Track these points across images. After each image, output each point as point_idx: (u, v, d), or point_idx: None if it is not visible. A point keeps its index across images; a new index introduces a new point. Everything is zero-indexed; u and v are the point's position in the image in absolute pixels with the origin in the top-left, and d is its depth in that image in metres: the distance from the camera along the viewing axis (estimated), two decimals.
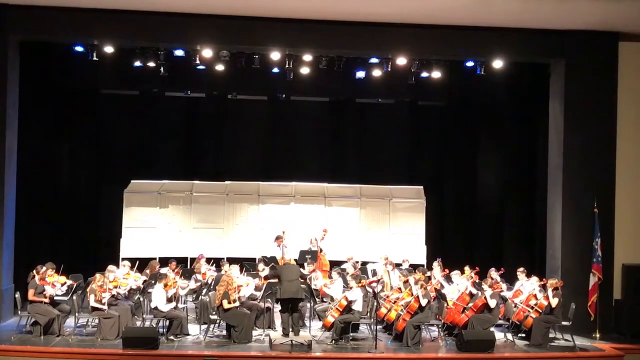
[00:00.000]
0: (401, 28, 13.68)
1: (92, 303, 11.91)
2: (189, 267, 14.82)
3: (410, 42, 13.85)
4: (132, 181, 16.21)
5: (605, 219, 13.65)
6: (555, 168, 14.26)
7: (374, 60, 14.55)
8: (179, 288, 12.68)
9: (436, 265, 14.01)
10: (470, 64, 14.53)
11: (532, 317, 12.38)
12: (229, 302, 11.83)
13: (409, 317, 12.10)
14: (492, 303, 12.26)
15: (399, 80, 15.16)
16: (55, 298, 12.40)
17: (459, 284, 13.14)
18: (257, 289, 12.90)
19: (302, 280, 12.24)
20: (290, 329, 11.87)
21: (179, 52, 14.16)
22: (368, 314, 12.65)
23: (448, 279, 13.59)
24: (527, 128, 16.50)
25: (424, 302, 12.04)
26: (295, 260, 14.18)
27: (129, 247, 15.83)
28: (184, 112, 17.31)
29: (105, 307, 11.94)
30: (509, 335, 12.70)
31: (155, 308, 12.09)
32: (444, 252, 15.94)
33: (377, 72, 14.92)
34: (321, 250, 15.11)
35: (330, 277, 13.53)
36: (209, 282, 13.21)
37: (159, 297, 12.08)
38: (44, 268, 12.33)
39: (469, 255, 16.14)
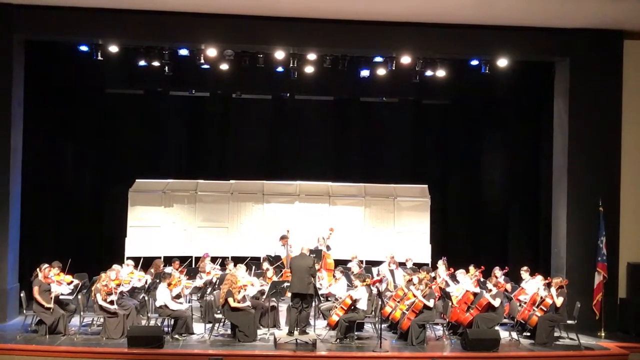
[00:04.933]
0: (405, 27, 13.67)
1: (100, 302, 11.93)
2: (193, 266, 14.85)
3: (414, 40, 13.84)
4: (136, 180, 16.25)
5: (610, 218, 13.64)
6: (560, 166, 14.24)
7: (378, 59, 14.56)
8: (184, 287, 12.69)
9: (441, 264, 14.01)
10: (474, 62, 14.52)
11: (537, 316, 12.36)
12: (235, 301, 11.85)
13: (414, 316, 12.10)
14: (497, 302, 12.24)
15: (403, 79, 15.14)
16: (61, 297, 12.43)
17: (464, 283, 13.13)
18: (262, 288, 12.95)
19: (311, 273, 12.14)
20: (295, 328, 11.88)
21: (184, 52, 14.17)
22: (373, 312, 12.65)
23: (453, 278, 13.59)
24: (532, 126, 16.47)
25: (429, 302, 12.04)
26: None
27: (133, 246, 15.88)
28: (189, 111, 17.32)
29: (115, 306, 11.97)
30: (514, 334, 12.69)
31: (164, 306, 12.09)
32: (449, 250, 15.94)
33: (381, 71, 14.94)
34: (328, 249, 15.13)
35: (334, 276, 13.53)
36: (214, 281, 13.23)
37: (164, 296, 12.10)
38: (46, 265, 12.35)
39: (473, 254, 16.12)
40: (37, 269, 12.31)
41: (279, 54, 14.07)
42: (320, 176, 16.90)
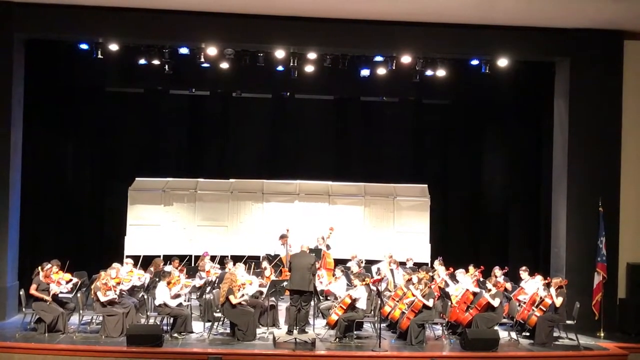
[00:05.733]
0: (406, 26, 13.67)
1: (102, 299, 11.92)
2: (193, 264, 14.84)
3: (414, 40, 13.83)
4: (136, 179, 16.26)
5: (610, 218, 13.63)
6: (560, 166, 14.24)
7: (378, 58, 14.56)
8: (183, 286, 12.69)
9: (437, 264, 14.00)
10: (475, 62, 14.51)
11: (536, 316, 12.36)
12: (236, 298, 11.84)
13: (413, 316, 12.10)
14: (496, 302, 12.24)
15: (403, 78, 15.13)
16: (60, 295, 12.43)
17: (464, 283, 13.13)
18: (261, 287, 12.95)
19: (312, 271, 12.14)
20: (294, 327, 11.87)
21: (184, 50, 14.17)
22: (372, 312, 12.65)
23: (453, 277, 13.59)
24: (532, 126, 16.47)
25: (429, 302, 12.04)
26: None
27: (133, 244, 15.88)
28: (189, 110, 17.32)
29: (115, 296, 11.98)
30: (513, 334, 12.68)
31: (163, 304, 12.08)
32: (449, 250, 15.93)
33: (381, 71, 14.94)
34: (328, 248, 15.12)
35: (334, 275, 13.53)
36: (213, 279, 13.23)
37: (163, 294, 12.11)
38: (49, 265, 12.35)
39: (473, 254, 16.12)
40: (39, 267, 12.29)
41: (279, 53, 14.07)
42: (320, 175, 16.88)
